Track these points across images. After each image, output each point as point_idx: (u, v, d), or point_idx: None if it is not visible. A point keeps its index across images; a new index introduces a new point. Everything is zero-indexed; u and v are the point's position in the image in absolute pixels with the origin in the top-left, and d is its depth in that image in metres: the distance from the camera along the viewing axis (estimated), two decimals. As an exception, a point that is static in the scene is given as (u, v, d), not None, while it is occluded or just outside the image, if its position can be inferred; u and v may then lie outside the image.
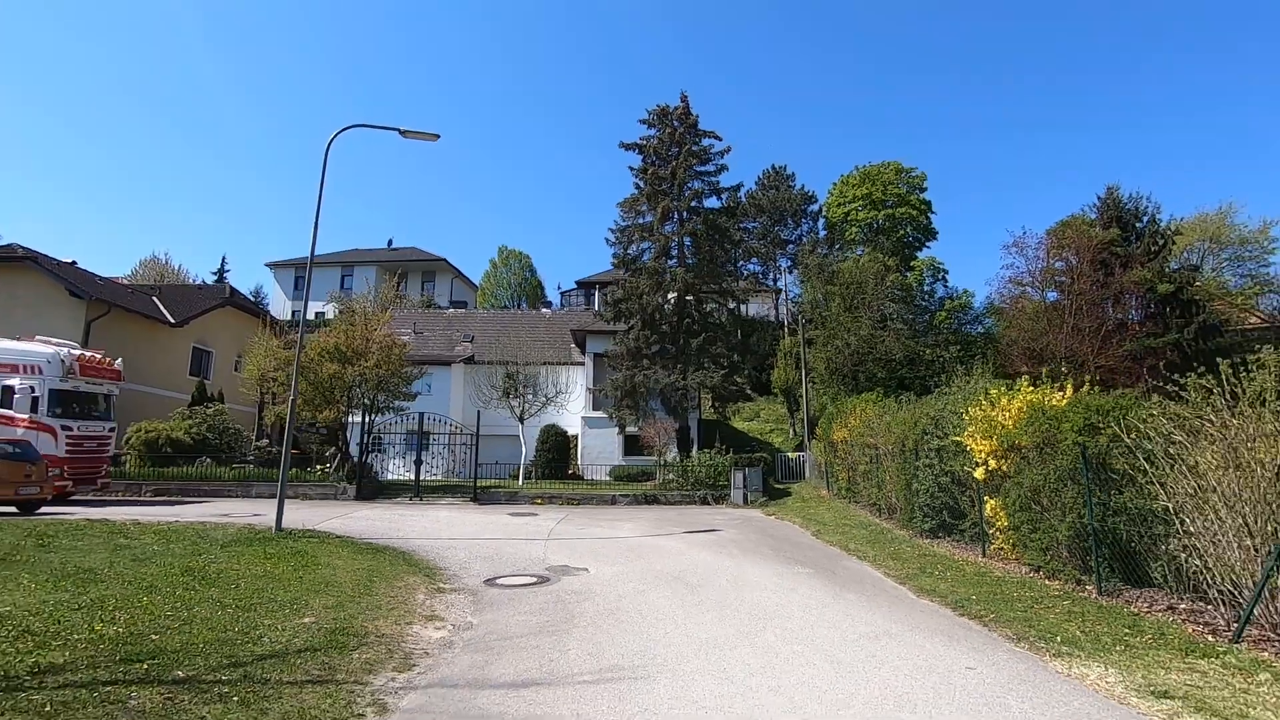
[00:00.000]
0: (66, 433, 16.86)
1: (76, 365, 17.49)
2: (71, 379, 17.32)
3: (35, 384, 16.69)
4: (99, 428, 18.10)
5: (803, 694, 4.51)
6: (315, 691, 4.65)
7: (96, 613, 6.38)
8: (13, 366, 16.88)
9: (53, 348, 17.60)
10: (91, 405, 18.17)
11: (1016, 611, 6.64)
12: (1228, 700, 4.21)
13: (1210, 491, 5.91)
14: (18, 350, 17.37)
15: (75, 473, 16.91)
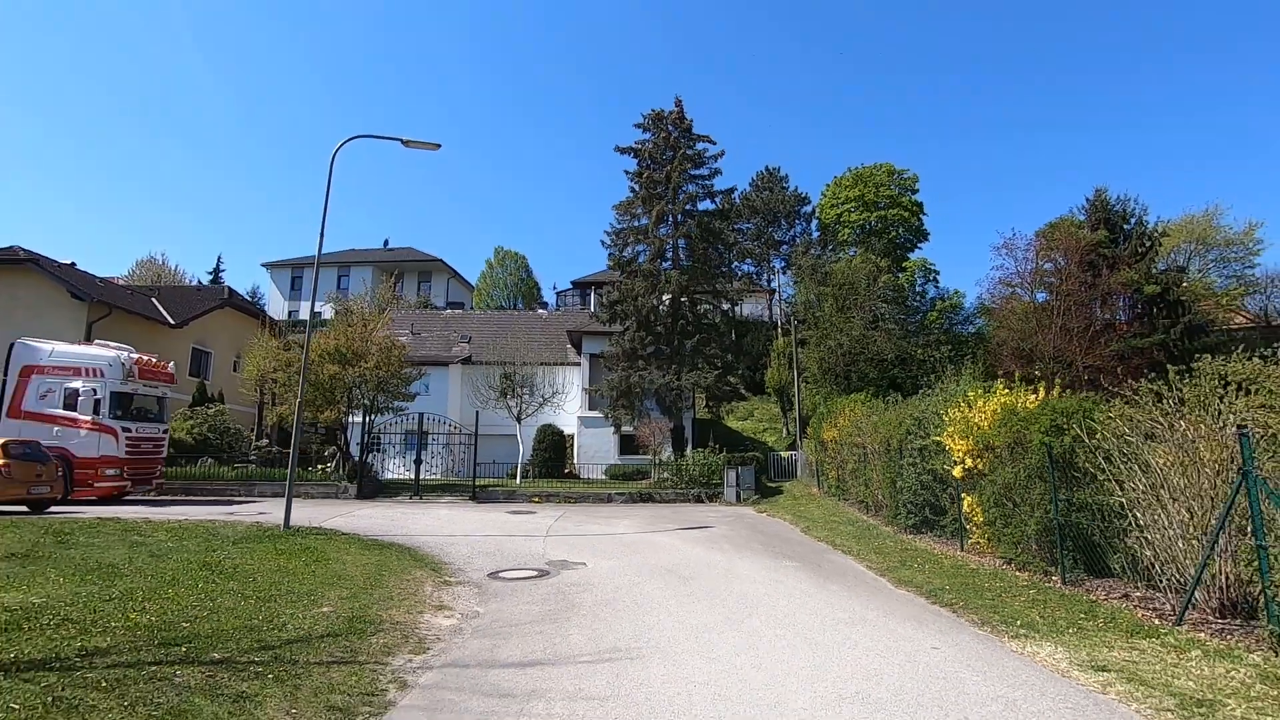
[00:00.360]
0: (126, 434, 17.31)
1: (135, 368, 17.98)
2: (131, 382, 17.78)
3: (97, 386, 17.12)
4: (154, 429, 18.66)
5: (781, 670, 5.03)
6: (341, 670, 5.14)
7: (127, 603, 6.84)
8: (75, 370, 17.37)
9: (113, 351, 18.09)
10: (148, 407, 18.76)
11: (985, 600, 7.18)
12: (1157, 672, 4.75)
13: (1160, 488, 6.46)
14: (80, 354, 17.90)
15: (134, 473, 17.56)
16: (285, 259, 47.40)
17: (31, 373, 17.40)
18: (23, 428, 16.98)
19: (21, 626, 5.89)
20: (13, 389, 17.39)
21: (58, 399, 17.11)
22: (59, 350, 17.87)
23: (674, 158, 25.89)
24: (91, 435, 16.82)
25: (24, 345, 18.04)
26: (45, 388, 17.24)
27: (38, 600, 6.84)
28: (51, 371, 17.40)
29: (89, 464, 16.79)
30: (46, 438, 16.74)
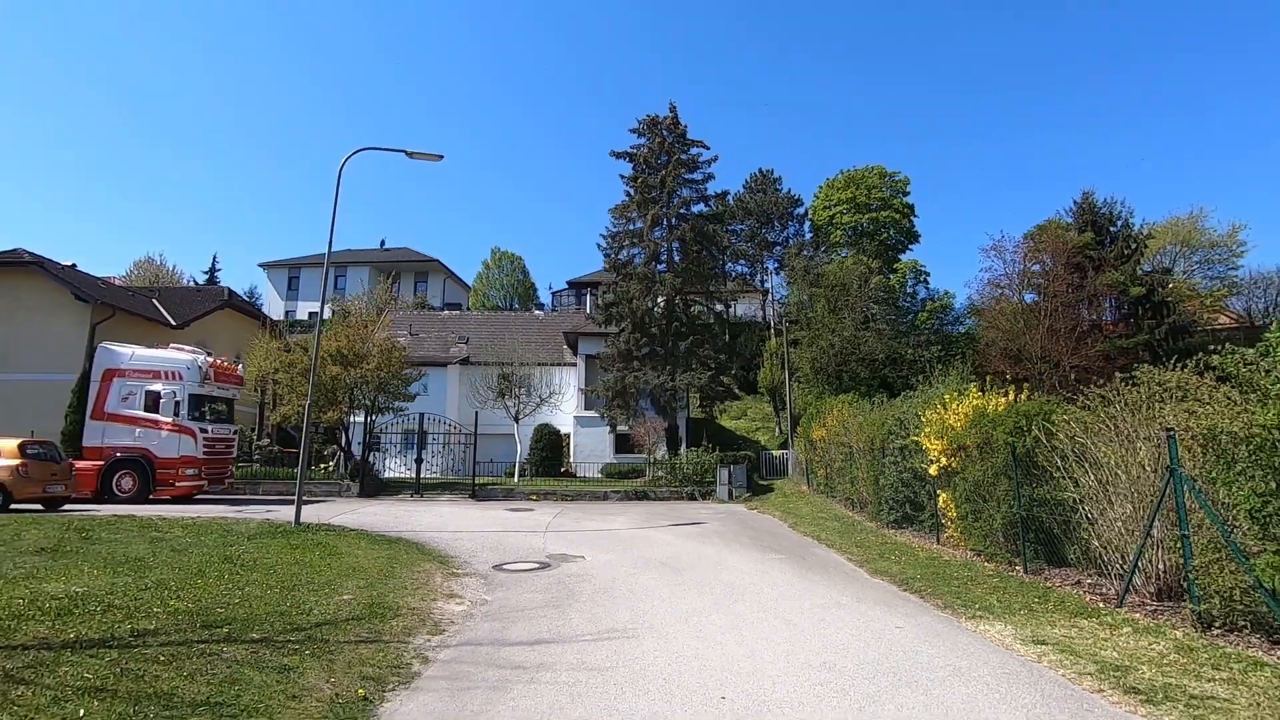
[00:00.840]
0: (203, 435, 17.95)
1: (211, 371, 18.61)
2: (207, 384, 18.40)
3: (177, 389, 17.74)
4: (226, 430, 19.32)
5: (760, 646, 5.70)
6: (368, 648, 5.79)
7: (163, 592, 7.46)
8: (155, 373, 18.00)
9: (190, 355, 18.70)
10: (220, 409, 19.36)
11: (951, 587, 7.87)
12: (1088, 645, 5.44)
13: (1107, 484, 7.15)
14: (159, 358, 18.49)
15: (209, 473, 18.21)
16: (282, 259, 47.85)
17: (113, 376, 17.97)
18: (106, 429, 17.72)
19: (72, 612, 6.51)
20: (96, 392, 18.04)
21: (138, 401, 17.73)
22: (139, 354, 18.48)
23: (668, 162, 26.54)
24: (172, 436, 17.48)
25: (106, 349, 18.66)
26: (126, 390, 17.83)
27: (79, 589, 7.45)
28: (132, 375, 17.99)
29: (170, 464, 17.45)
30: (129, 439, 17.55)
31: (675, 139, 26.88)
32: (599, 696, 4.59)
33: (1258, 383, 5.37)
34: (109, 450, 17.56)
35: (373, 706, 4.54)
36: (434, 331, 31.44)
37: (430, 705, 4.54)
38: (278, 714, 4.32)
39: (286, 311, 45.78)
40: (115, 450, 17.55)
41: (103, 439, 17.71)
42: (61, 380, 23.83)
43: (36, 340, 24.54)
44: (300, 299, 46.68)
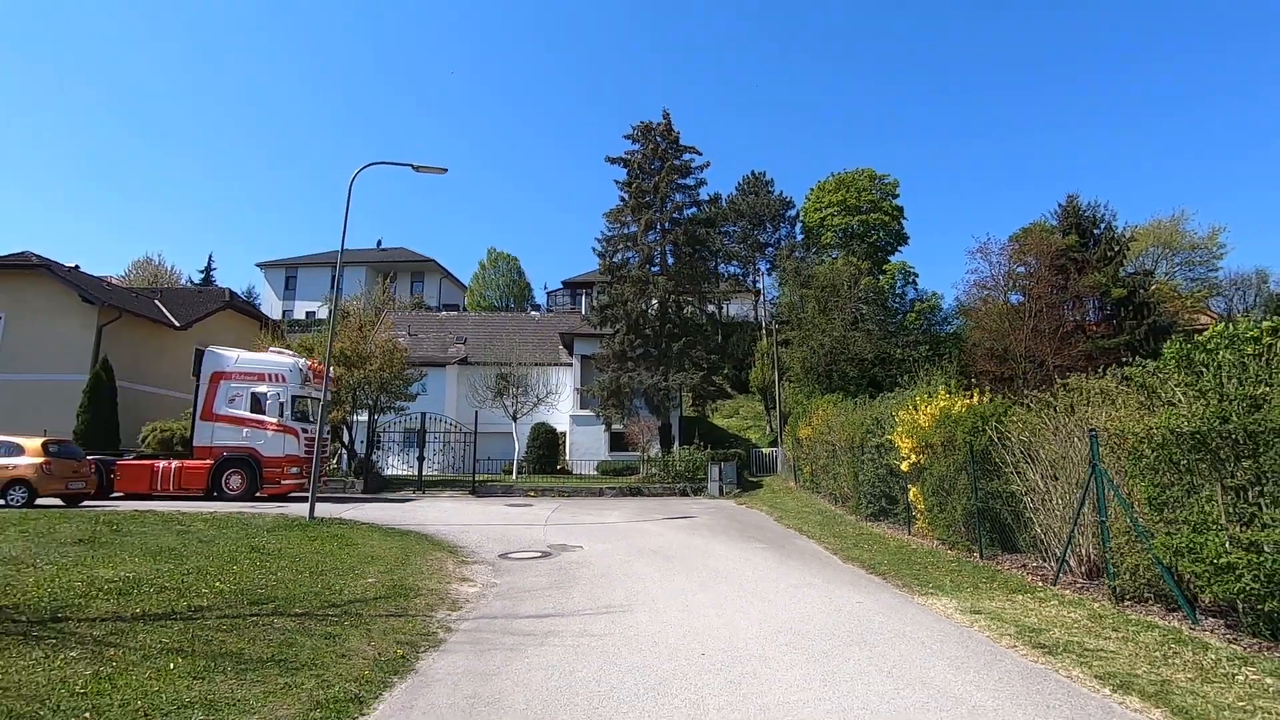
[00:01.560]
0: (304, 435, 18.78)
1: (310, 373, 19.44)
2: (306, 386, 19.22)
3: (280, 391, 18.62)
4: (316, 429, 19.89)
5: (737, 617, 6.65)
6: (398, 620, 6.71)
7: (205, 576, 8.34)
8: (259, 375, 18.81)
9: (290, 358, 19.62)
10: (312, 410, 19.96)
11: (912, 571, 8.84)
12: (1015, 614, 6.41)
13: (1047, 478, 8.13)
14: (262, 361, 19.36)
15: (305, 471, 18.80)
16: (279, 259, 48.51)
17: (220, 379, 18.76)
18: (215, 429, 18.56)
19: (131, 592, 7.40)
20: (204, 394, 18.84)
21: (244, 402, 18.54)
22: (243, 358, 19.29)
23: (662, 168, 27.44)
24: (277, 436, 18.33)
25: (212, 353, 19.54)
26: (233, 392, 18.64)
27: (129, 574, 8.32)
28: (238, 377, 18.78)
29: (276, 463, 18.27)
30: (236, 439, 18.39)
31: (669, 145, 27.78)
32: (599, 654, 5.52)
33: (1157, 390, 6.33)
34: (218, 450, 18.41)
35: (410, 663, 5.46)
36: (432, 332, 32.27)
37: (459, 662, 5.47)
38: (333, 668, 5.23)
39: (284, 311, 46.46)
40: (224, 450, 18.38)
41: (211, 439, 18.53)
42: (69, 380, 24.62)
43: (44, 341, 25.23)
44: (298, 298, 47.35)
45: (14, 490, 14.91)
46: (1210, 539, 5.40)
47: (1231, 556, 5.20)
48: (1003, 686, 4.58)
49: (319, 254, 49.10)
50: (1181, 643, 5.33)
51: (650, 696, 4.55)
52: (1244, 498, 5.28)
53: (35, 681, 4.65)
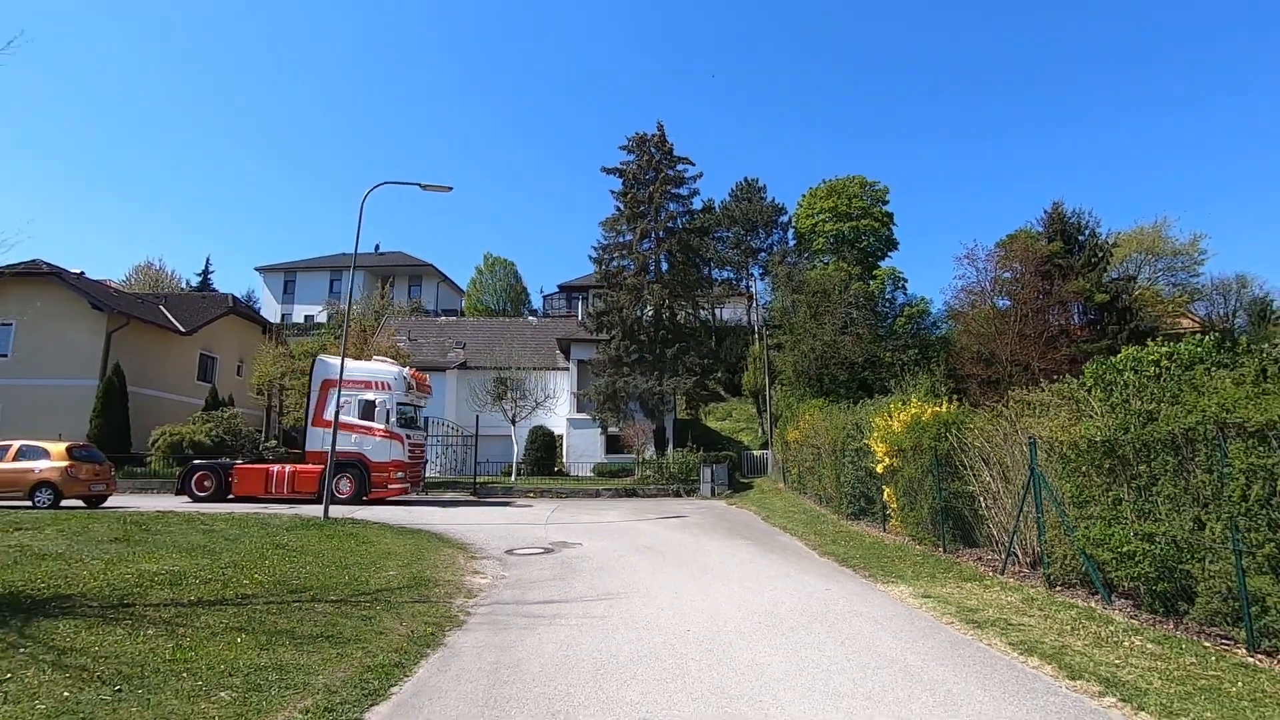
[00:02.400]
0: (409, 441, 19.50)
1: (413, 382, 20.15)
2: (410, 394, 19.95)
3: (386, 398, 19.32)
4: (420, 436, 20.93)
5: (720, 601, 7.65)
6: (422, 605, 7.67)
7: (241, 569, 9.28)
8: (366, 383, 19.45)
9: (395, 367, 20.21)
10: (414, 417, 20.87)
11: (880, 563, 9.85)
12: (960, 598, 7.43)
13: (998, 479, 9.15)
14: (369, 369, 19.96)
15: (410, 476, 19.73)
16: (278, 263, 49.34)
17: (329, 386, 19.23)
18: (326, 435, 18.64)
19: (180, 583, 8.35)
20: (315, 401, 19.58)
21: (353, 409, 19.12)
22: (351, 366, 19.51)
23: (656, 178, 28.45)
24: (384, 442, 19.03)
25: (322, 361, 20.23)
26: (342, 400, 18.67)
27: (173, 568, 9.27)
28: (346, 385, 18.89)
29: (383, 468, 18.94)
30: (346, 444, 18.75)
31: (663, 156, 28.79)
32: (599, 631, 6.51)
33: (1082, 403, 7.35)
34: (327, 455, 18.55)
35: (439, 638, 6.44)
36: (432, 337, 33.19)
37: (480, 638, 6.45)
38: (374, 642, 6.20)
39: (282, 315, 47.27)
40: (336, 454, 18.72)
41: (322, 444, 18.78)
42: (80, 385, 25.50)
43: (55, 347, 26.05)
44: (296, 302, 48.18)
45: (41, 492, 15.79)
46: (1117, 531, 6.43)
47: (1132, 545, 6.23)
48: (933, 652, 5.59)
49: (317, 258, 49.95)
50: (1091, 619, 6.36)
51: (643, 661, 5.54)
52: (1144, 496, 6.30)
53: (130, 652, 5.63)
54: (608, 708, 4.53)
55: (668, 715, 4.37)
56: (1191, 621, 5.85)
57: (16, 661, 5.34)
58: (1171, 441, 5.82)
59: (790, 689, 4.79)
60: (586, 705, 4.59)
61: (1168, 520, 5.95)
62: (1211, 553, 5.51)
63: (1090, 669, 4.98)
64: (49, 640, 5.92)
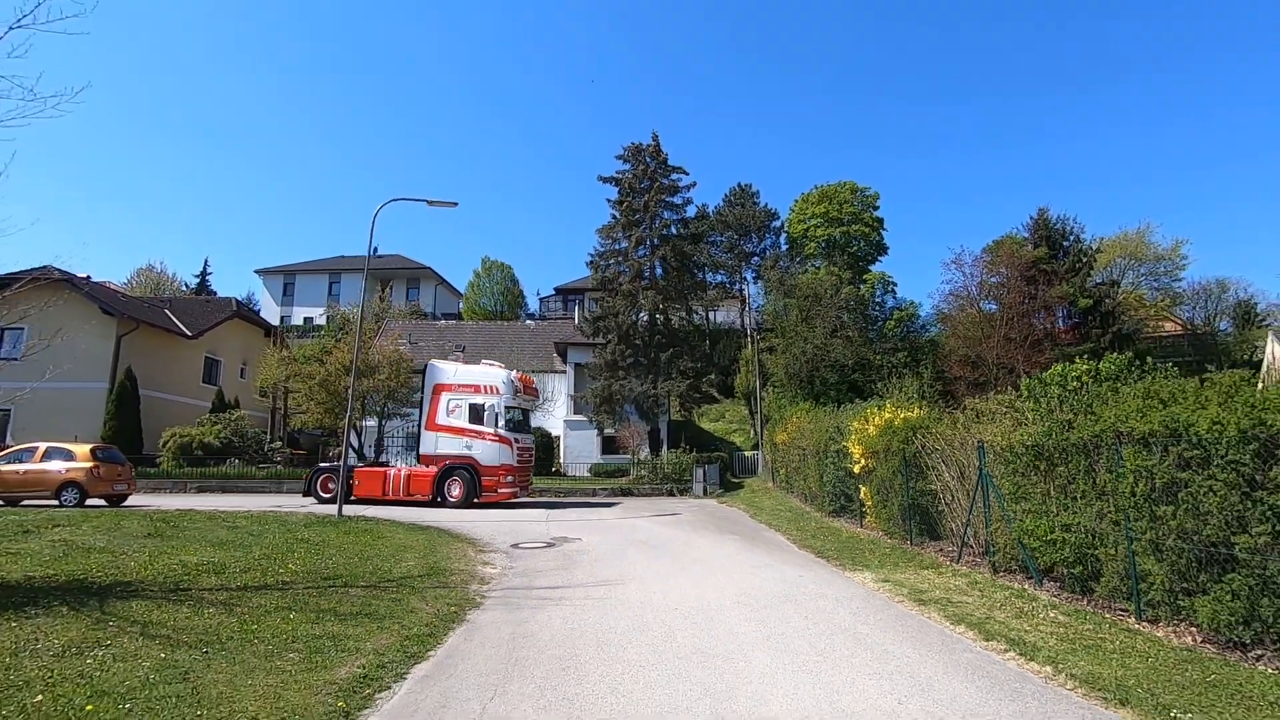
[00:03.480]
0: (517, 445, 19.79)
1: (520, 384, 20.45)
2: (517, 397, 20.25)
3: (495, 402, 19.58)
4: (528, 439, 21.19)
5: (705, 587, 8.75)
6: (442, 590, 8.75)
7: (274, 561, 10.32)
8: (475, 387, 19.83)
9: (503, 370, 20.43)
10: (522, 420, 21.15)
11: (851, 554, 10.97)
12: (914, 582, 8.55)
13: (958, 479, 10.29)
14: (478, 373, 20.27)
15: (520, 480, 20.04)
16: (277, 265, 50.21)
17: (441, 390, 19.92)
18: (438, 439, 19.78)
19: (223, 572, 9.40)
20: (428, 404, 20.12)
21: (464, 413, 19.63)
22: (461, 370, 20.31)
23: (651, 187, 29.56)
24: (493, 445, 19.31)
25: (433, 366, 20.73)
26: (453, 404, 19.74)
27: (211, 559, 10.30)
28: (457, 389, 19.83)
29: (492, 471, 19.25)
30: (458, 448, 19.52)
31: (658, 166, 29.89)
32: (600, 610, 7.61)
33: (1020, 413, 8.47)
34: (441, 458, 19.63)
35: (461, 616, 7.52)
36: (432, 340, 34.21)
37: (497, 615, 7.53)
38: (406, 619, 7.28)
39: (282, 317, 48.14)
40: (446, 458, 19.57)
41: (435, 447, 19.76)
42: (91, 388, 26.45)
43: (67, 351, 26.94)
44: (295, 304, 49.08)
45: (67, 491, 16.79)
46: (1044, 522, 7.56)
47: (1055, 534, 7.36)
48: (880, 623, 6.71)
49: (316, 260, 50.86)
50: (1020, 597, 7.49)
51: (638, 631, 6.64)
52: (1064, 493, 7.43)
53: (200, 625, 6.70)
54: (609, 663, 5.63)
55: (658, 666, 5.48)
56: (1099, 598, 6.99)
57: (109, 632, 6.41)
58: (1083, 446, 6.94)
59: (758, 649, 5.90)
60: (591, 662, 5.68)
61: (1081, 513, 7.08)
62: (1112, 539, 6.64)
63: (1003, 633, 6.10)
64: (128, 617, 6.98)
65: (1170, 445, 5.76)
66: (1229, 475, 5.19)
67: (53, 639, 6.05)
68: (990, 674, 5.12)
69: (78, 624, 6.59)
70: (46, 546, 10.99)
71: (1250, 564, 5.09)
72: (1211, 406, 5.43)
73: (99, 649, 5.86)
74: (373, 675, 5.46)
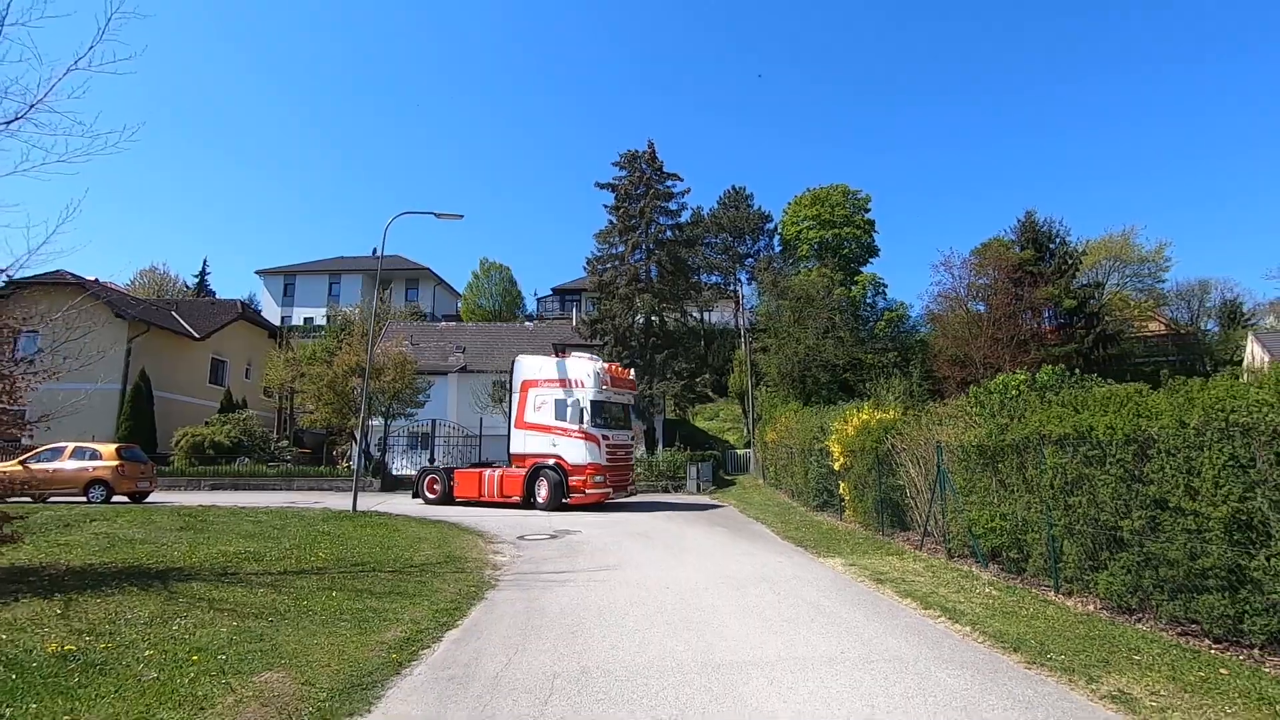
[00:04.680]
0: (606, 441, 18.71)
1: (608, 377, 19.22)
2: (606, 390, 19.04)
3: (581, 397, 18.62)
4: (623, 436, 20.07)
5: (694, 571, 9.96)
6: (460, 575, 9.92)
7: (304, 550, 11.48)
8: (561, 382, 19.02)
9: (590, 363, 19.44)
10: (619, 415, 20.02)
11: (828, 544, 12.19)
12: (877, 566, 9.77)
13: (921, 475, 11.50)
14: (564, 367, 19.43)
15: (614, 479, 19.02)
16: (278, 266, 51.24)
17: (528, 387, 19.40)
18: (527, 437, 19.26)
19: (261, 559, 10.56)
20: (517, 402, 19.69)
21: (549, 410, 18.92)
22: (547, 365, 19.67)
23: (646, 194, 30.72)
24: (579, 443, 18.39)
25: (520, 361, 20.36)
26: (540, 400, 19.11)
27: (247, 549, 11.45)
28: (543, 385, 19.18)
29: (579, 471, 18.33)
30: (545, 447, 18.86)
31: (653, 173, 31.06)
32: (602, 589, 8.80)
33: (970, 416, 9.69)
34: (530, 458, 19.05)
35: (480, 595, 8.69)
36: (433, 342, 35.32)
37: (511, 594, 8.71)
38: (432, 597, 8.45)
39: (282, 318, 49.14)
40: (535, 458, 18.96)
41: (524, 447, 19.28)
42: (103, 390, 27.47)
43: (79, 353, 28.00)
44: (295, 305, 50.09)
45: (94, 489, 17.90)
46: (986, 512, 8.78)
47: (995, 523, 8.57)
48: (841, 598, 7.93)
49: (316, 261, 51.88)
50: (965, 577, 8.72)
51: (634, 605, 7.83)
52: (1004, 486, 8.64)
53: (257, 602, 7.86)
54: (610, 629, 6.82)
55: (651, 631, 6.67)
56: (1029, 576, 8.21)
57: (181, 606, 7.57)
58: (1016, 446, 8.15)
59: (733, 617, 7.11)
60: (595, 629, 6.87)
61: (1015, 503, 8.30)
62: (1037, 526, 7.86)
63: (940, 604, 7.32)
64: (192, 595, 8.14)
65: (1078, 446, 6.96)
66: (1118, 470, 6.40)
67: (139, 611, 7.21)
68: (921, 632, 6.34)
69: (152, 600, 7.75)
70: (90, 538, 12.17)
71: (1133, 544, 6.30)
72: (1110, 414, 6.63)
73: (179, 619, 7.03)
74: (414, 638, 6.63)
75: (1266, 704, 4.31)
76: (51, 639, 6.09)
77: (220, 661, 5.70)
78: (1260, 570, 5.03)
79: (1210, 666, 5.02)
